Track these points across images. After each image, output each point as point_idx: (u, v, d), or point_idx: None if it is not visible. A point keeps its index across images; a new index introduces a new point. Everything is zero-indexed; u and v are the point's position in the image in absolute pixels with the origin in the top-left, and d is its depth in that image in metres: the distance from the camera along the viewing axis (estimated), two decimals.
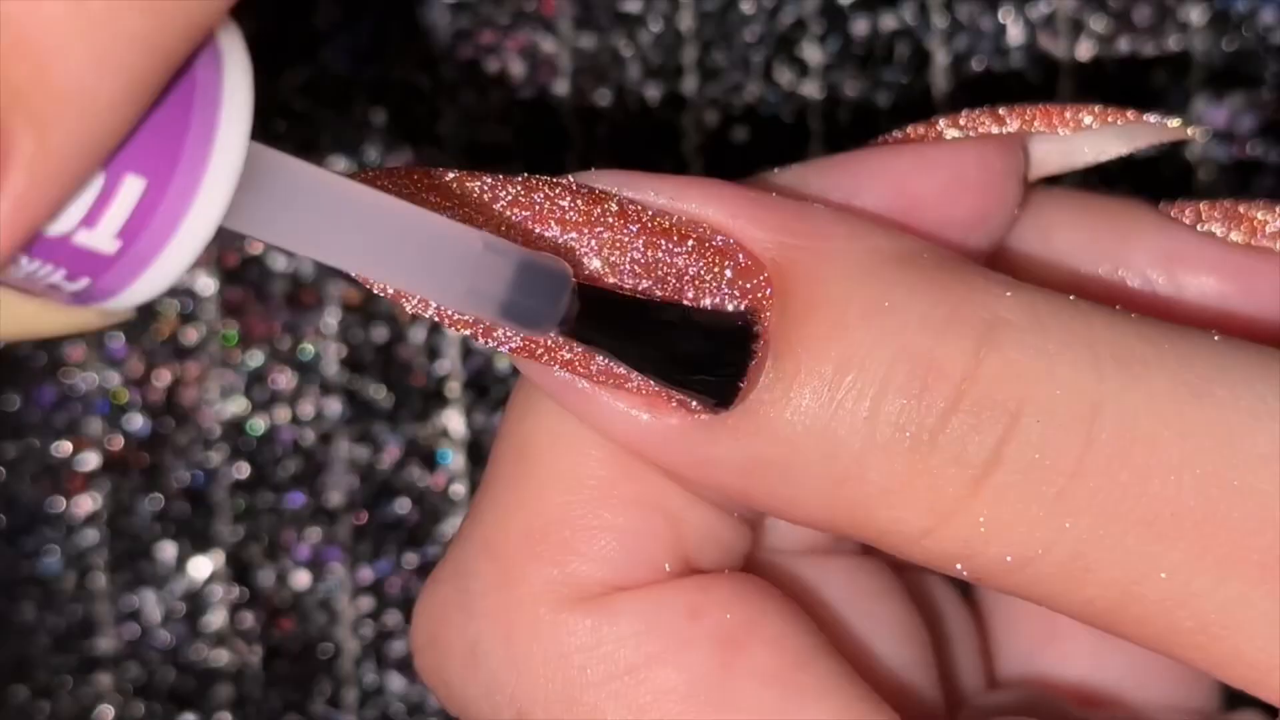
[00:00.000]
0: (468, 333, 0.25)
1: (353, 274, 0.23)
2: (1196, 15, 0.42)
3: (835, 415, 0.24)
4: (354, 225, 0.22)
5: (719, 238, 0.25)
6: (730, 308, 0.25)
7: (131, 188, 0.20)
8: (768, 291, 0.25)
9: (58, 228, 0.20)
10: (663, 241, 0.25)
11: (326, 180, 0.22)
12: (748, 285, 0.25)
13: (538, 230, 0.25)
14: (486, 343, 0.25)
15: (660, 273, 0.25)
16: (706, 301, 0.25)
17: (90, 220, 0.20)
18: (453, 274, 0.23)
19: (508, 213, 0.25)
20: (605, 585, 0.26)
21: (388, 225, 0.23)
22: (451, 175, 0.25)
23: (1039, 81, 0.42)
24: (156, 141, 0.20)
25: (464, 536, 0.27)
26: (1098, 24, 0.42)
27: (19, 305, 0.21)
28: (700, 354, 0.25)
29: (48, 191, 0.19)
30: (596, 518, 0.27)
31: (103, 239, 0.20)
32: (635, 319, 0.25)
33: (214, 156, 0.21)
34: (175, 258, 0.21)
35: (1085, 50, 0.42)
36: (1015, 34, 0.42)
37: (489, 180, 0.25)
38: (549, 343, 0.25)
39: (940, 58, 0.42)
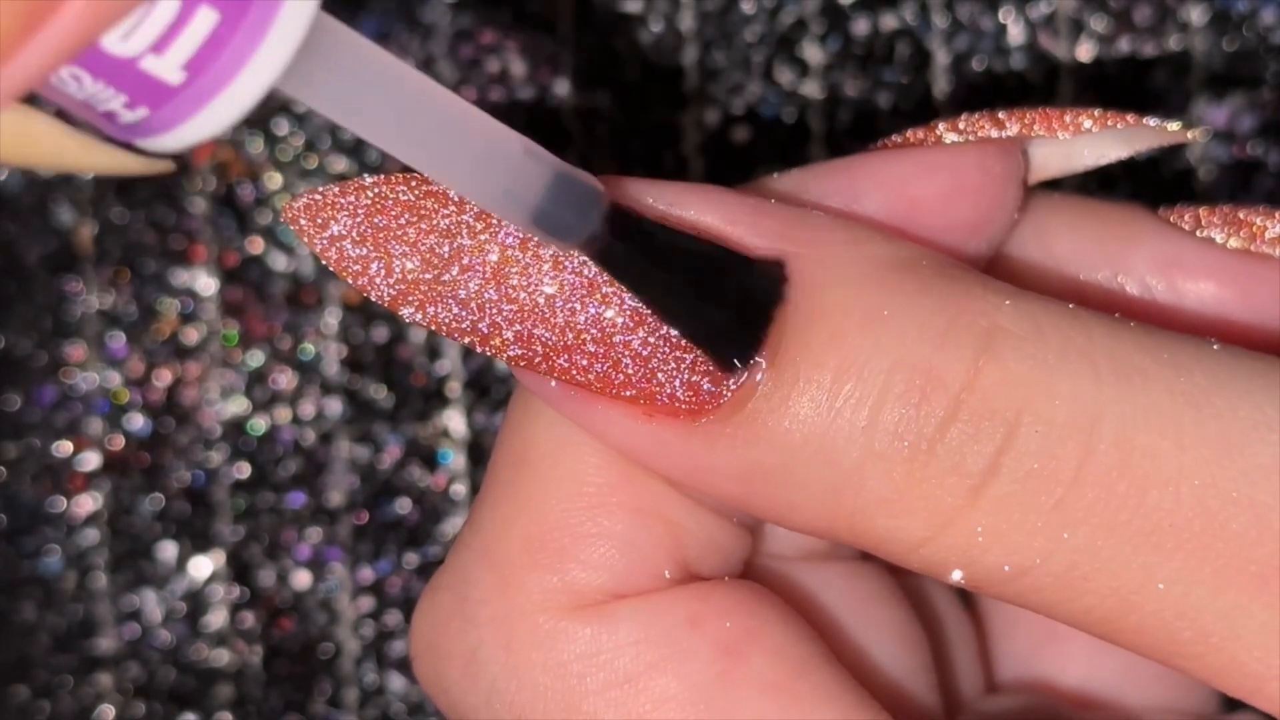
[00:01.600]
0: (465, 341, 0.25)
1: (396, 155, 0.23)
2: (1196, 15, 0.42)
3: (834, 424, 0.24)
4: (405, 107, 0.23)
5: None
6: (762, 255, 0.25)
7: (204, 19, 0.20)
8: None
9: (127, 49, 0.20)
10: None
11: (385, 58, 0.22)
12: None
13: (534, 237, 0.25)
14: (483, 351, 0.25)
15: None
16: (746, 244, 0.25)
17: (160, 46, 0.20)
18: (492, 172, 0.23)
19: (503, 220, 0.25)
20: (605, 593, 0.26)
21: (436, 113, 0.23)
22: None
23: (1039, 81, 0.42)
24: None
25: (463, 544, 0.27)
26: (1098, 24, 0.42)
27: (67, 137, 0.21)
28: (725, 307, 0.25)
29: None
30: (595, 525, 0.27)
31: (170, 68, 0.20)
32: (667, 256, 0.25)
33: (285, 6, 0.21)
34: (234, 100, 0.21)
35: (1085, 50, 0.42)
36: (1015, 34, 0.42)
37: None
38: (552, 339, 0.25)
39: (940, 58, 0.42)
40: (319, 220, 0.25)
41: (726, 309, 0.25)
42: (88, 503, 0.42)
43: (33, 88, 0.20)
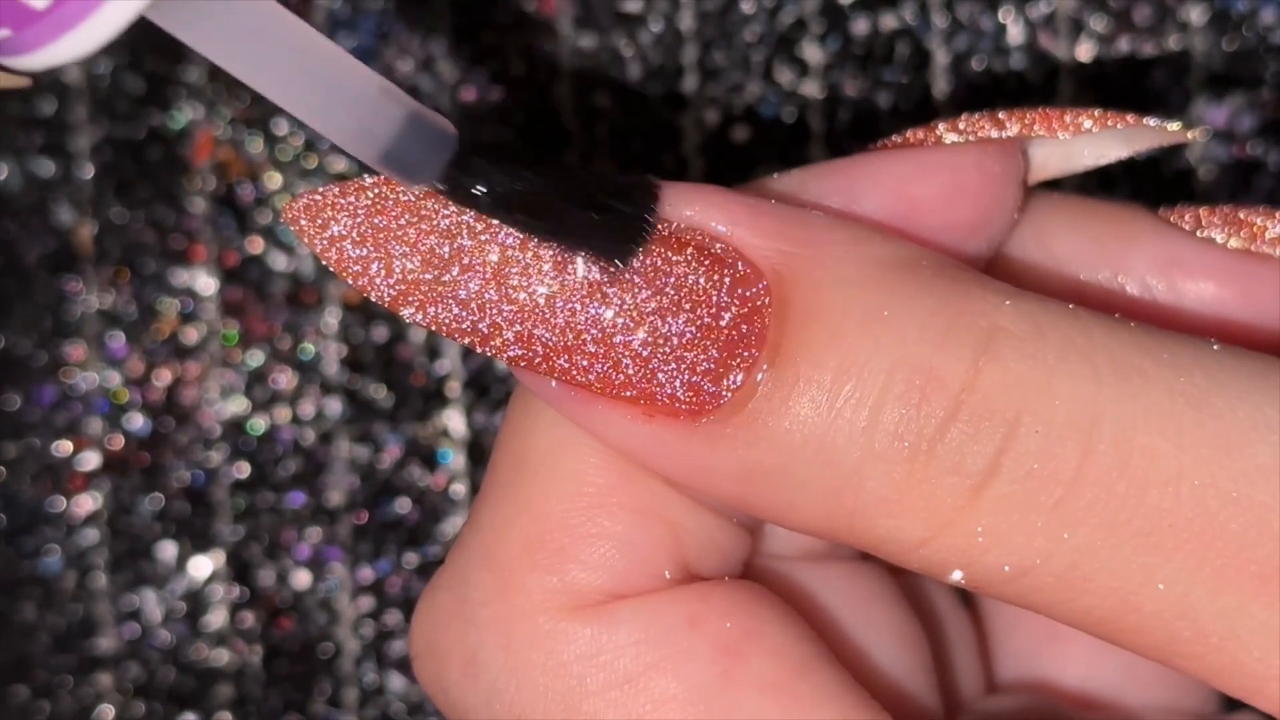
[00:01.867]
0: (465, 342, 0.25)
1: (254, 87, 0.24)
2: (1196, 15, 0.42)
3: (833, 424, 0.24)
4: (264, 40, 0.23)
5: (718, 245, 0.25)
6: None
7: None
8: (767, 300, 0.25)
9: None
10: (661, 249, 0.25)
11: None
12: (747, 293, 0.25)
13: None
14: (483, 351, 0.25)
15: (658, 280, 0.25)
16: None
17: None
18: (347, 108, 0.24)
19: None
20: (605, 593, 0.26)
21: (295, 47, 0.24)
22: None
23: (1039, 81, 0.42)
24: None
25: (463, 544, 0.27)
26: (1098, 24, 0.42)
27: None
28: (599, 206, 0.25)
29: None
30: (595, 525, 0.27)
31: None
32: (522, 187, 0.25)
33: None
34: (96, 28, 0.21)
35: (1085, 50, 0.42)
36: (1015, 34, 0.42)
37: None
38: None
39: (940, 57, 0.42)
40: (319, 221, 0.25)
41: (600, 219, 0.25)
42: (88, 503, 0.42)
43: None
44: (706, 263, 0.25)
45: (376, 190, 0.25)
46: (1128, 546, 0.24)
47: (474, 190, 0.25)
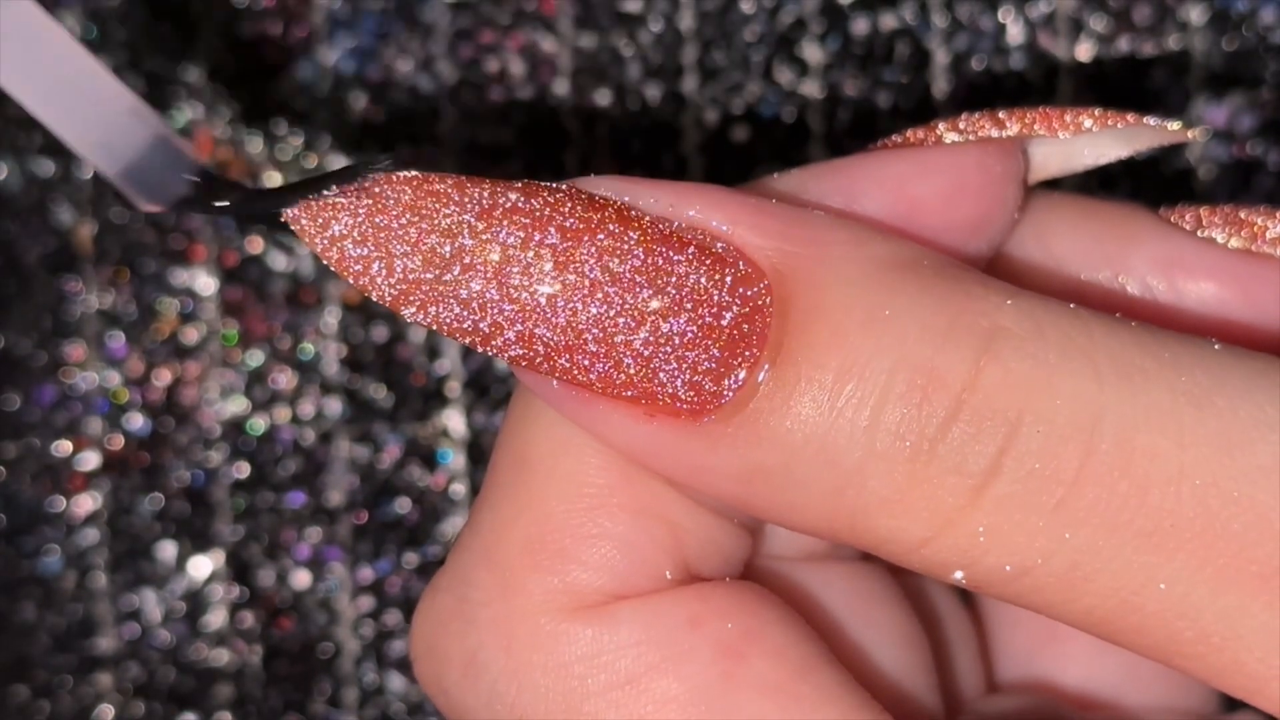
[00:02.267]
0: (466, 341, 0.25)
1: (5, 89, 0.24)
2: (1196, 15, 0.42)
3: (835, 424, 0.24)
4: (21, 44, 0.23)
5: (719, 244, 0.25)
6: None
7: None
8: (768, 299, 0.25)
9: None
10: (662, 248, 0.25)
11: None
12: (748, 292, 0.25)
13: (538, 237, 0.25)
14: (484, 351, 0.25)
15: (660, 280, 0.25)
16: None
17: None
18: (93, 121, 0.24)
19: (505, 220, 0.25)
20: (605, 594, 0.26)
21: (52, 56, 0.24)
22: (451, 180, 0.25)
23: (1039, 81, 0.42)
24: None
25: (463, 545, 0.27)
26: (1098, 24, 0.42)
27: None
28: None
29: None
30: (596, 526, 0.27)
31: None
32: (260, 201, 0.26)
33: None
34: None
35: (1085, 50, 0.42)
36: (1015, 33, 0.42)
37: (488, 187, 0.25)
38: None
39: (940, 57, 0.42)
40: (320, 220, 0.25)
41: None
42: (87, 503, 0.42)
43: None
44: (708, 262, 0.25)
45: (377, 190, 0.25)
46: (1129, 546, 0.24)
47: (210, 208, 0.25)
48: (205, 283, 0.42)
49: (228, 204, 0.25)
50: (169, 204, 0.25)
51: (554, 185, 0.26)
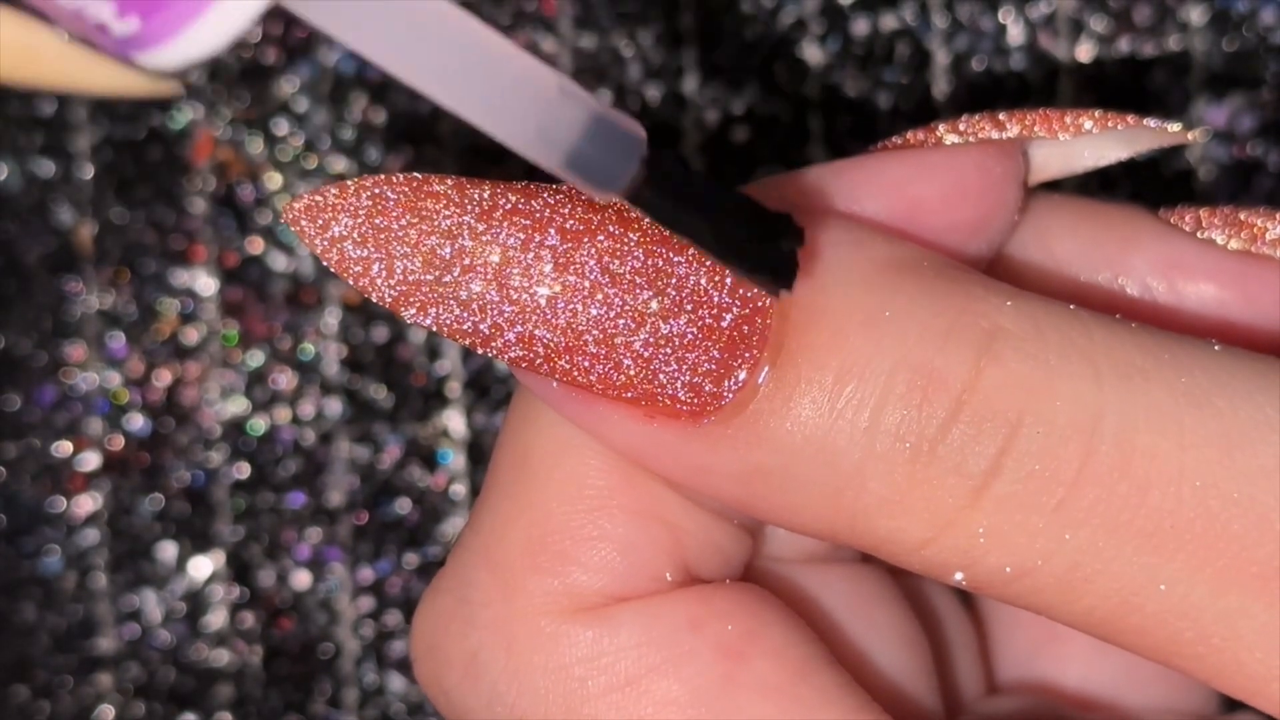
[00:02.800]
0: (466, 343, 0.25)
1: (416, 87, 0.22)
2: (1196, 15, 0.42)
3: (835, 425, 0.24)
4: (427, 35, 0.21)
5: None
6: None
7: None
8: (768, 301, 0.25)
9: None
10: (662, 250, 0.25)
11: None
12: (748, 294, 0.25)
13: (538, 239, 0.25)
14: (485, 352, 0.25)
15: (660, 281, 0.25)
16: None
17: None
18: (525, 110, 0.21)
19: (505, 221, 0.25)
20: (606, 595, 0.26)
21: (462, 43, 0.21)
22: (450, 182, 0.25)
23: (1039, 81, 0.42)
24: None
25: (464, 546, 0.27)
26: (1098, 24, 0.42)
27: (69, 51, 0.20)
28: (757, 238, 0.24)
29: None
30: (596, 527, 0.27)
31: None
32: (702, 199, 0.24)
33: None
34: (227, 14, 0.19)
35: (1085, 50, 0.42)
36: (1015, 34, 0.42)
37: (488, 188, 0.25)
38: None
39: (940, 58, 0.42)
40: (320, 221, 0.25)
41: (758, 248, 0.24)
42: (88, 503, 0.42)
43: None
44: (708, 263, 0.25)
45: (377, 190, 0.25)
46: (1129, 547, 0.24)
47: (661, 202, 0.23)
48: (206, 283, 0.42)
49: (678, 181, 0.23)
50: (624, 189, 0.22)
51: (554, 186, 0.26)
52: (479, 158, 0.42)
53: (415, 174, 0.25)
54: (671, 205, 0.23)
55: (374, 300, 0.25)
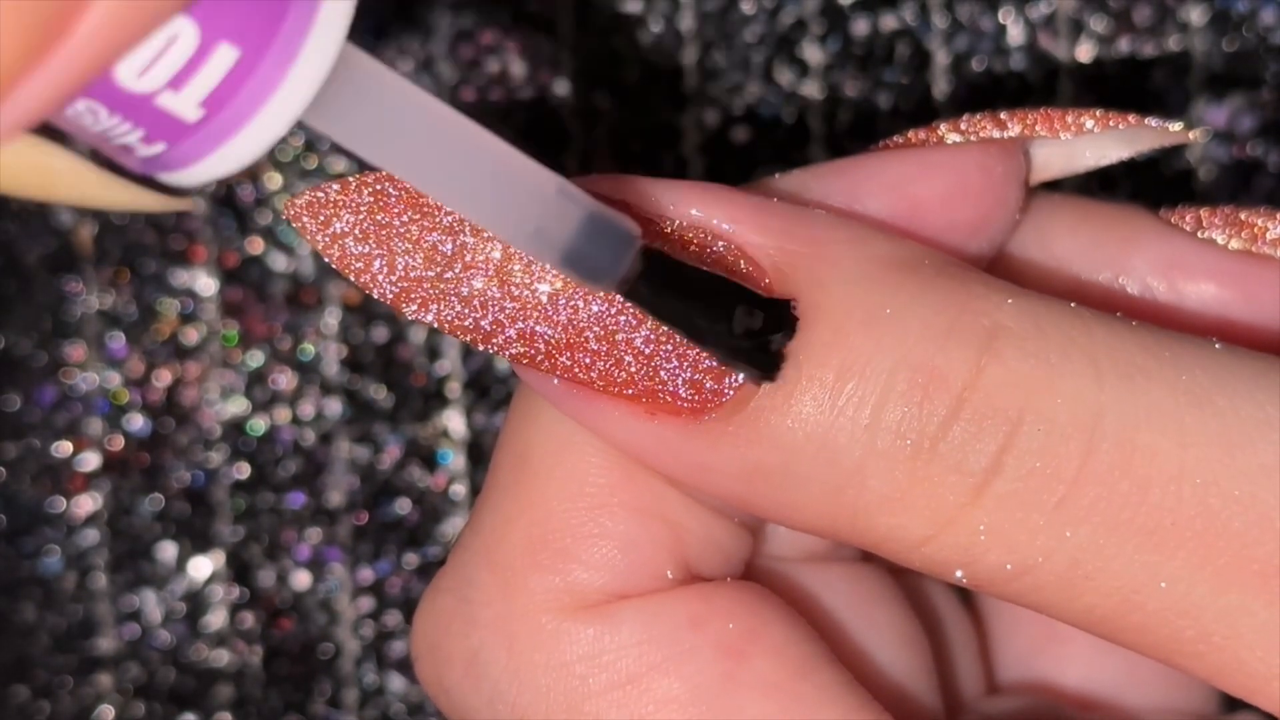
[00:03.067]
0: (467, 339, 0.25)
1: (424, 191, 0.23)
2: (1196, 15, 0.42)
3: (836, 423, 0.24)
4: (433, 142, 0.22)
5: (720, 243, 0.25)
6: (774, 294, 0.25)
7: (224, 57, 0.20)
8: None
9: (143, 85, 0.20)
10: (664, 247, 0.25)
11: (412, 92, 0.22)
12: None
13: None
14: (486, 349, 0.25)
15: None
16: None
17: (177, 83, 0.20)
18: (523, 211, 0.23)
19: None
20: (607, 593, 0.26)
21: (467, 150, 0.23)
22: None
23: (1039, 82, 0.42)
24: (255, 16, 0.20)
25: (464, 545, 0.27)
26: (1098, 24, 0.42)
27: (85, 171, 0.20)
28: (747, 331, 0.25)
29: (138, 13, 0.19)
30: (597, 525, 0.27)
31: (187, 105, 0.20)
32: (694, 291, 0.25)
33: (309, 42, 0.20)
34: (253, 139, 0.21)
35: (1085, 51, 0.42)
36: (1015, 34, 0.42)
37: None
38: (566, 338, 0.25)
39: (940, 58, 0.42)
40: (321, 218, 0.25)
41: (747, 338, 0.25)
42: (88, 503, 0.42)
43: (41, 119, 0.20)
44: (709, 261, 0.25)
45: (379, 187, 0.25)
46: (1130, 545, 0.24)
47: (654, 296, 0.24)
48: (206, 283, 0.42)
49: (670, 275, 0.24)
50: (617, 283, 0.24)
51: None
52: None
53: None
54: (663, 298, 0.24)
55: (375, 297, 0.25)
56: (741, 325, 0.25)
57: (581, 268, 0.23)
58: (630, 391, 0.25)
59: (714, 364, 0.25)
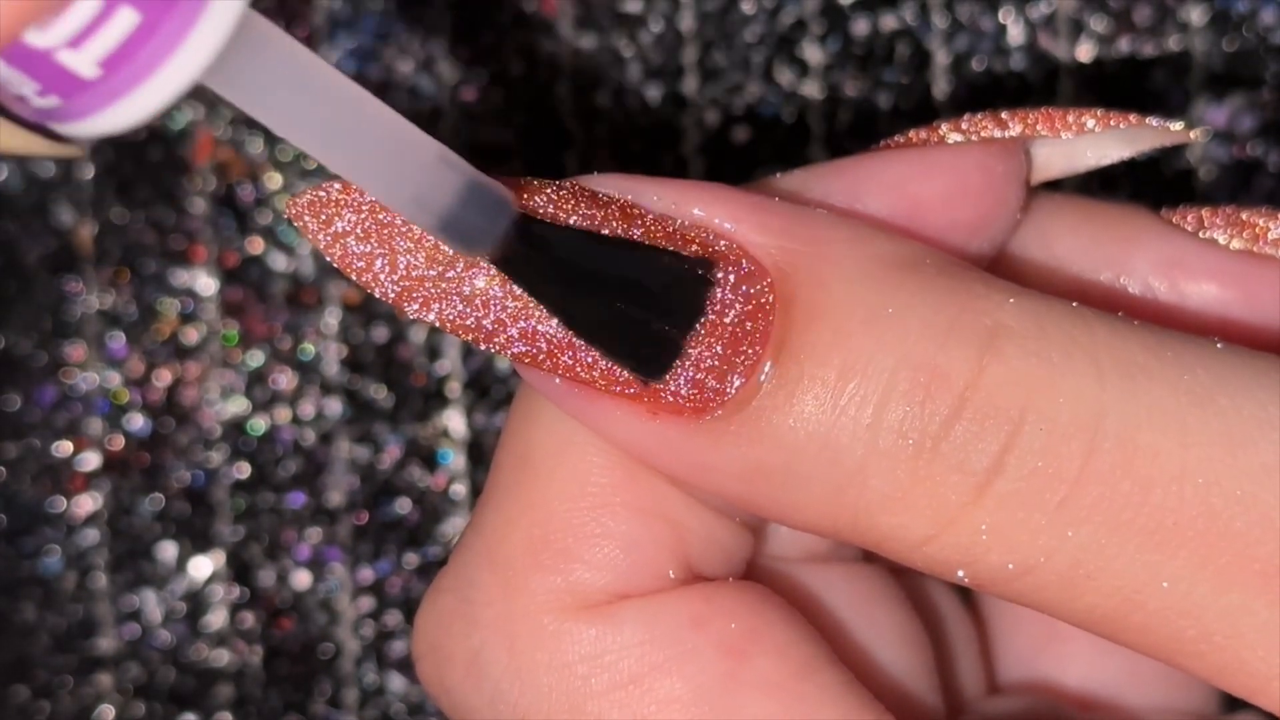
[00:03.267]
0: (469, 339, 0.25)
1: (310, 153, 0.24)
2: (1196, 15, 0.42)
3: (838, 422, 0.24)
4: (324, 108, 0.23)
5: (722, 242, 0.25)
6: (688, 254, 0.25)
7: (125, 19, 0.20)
8: (771, 297, 0.25)
9: (44, 41, 0.20)
10: (665, 246, 0.25)
11: (308, 60, 0.23)
12: (751, 290, 0.25)
13: None
14: (487, 348, 0.25)
15: None
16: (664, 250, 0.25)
17: (77, 42, 0.20)
18: (403, 176, 0.23)
19: None
20: (609, 593, 0.26)
21: (354, 115, 0.23)
22: None
23: (1039, 82, 0.42)
24: None
25: (466, 545, 0.27)
26: (1098, 24, 0.42)
27: None
28: (647, 311, 0.25)
29: None
30: (599, 525, 0.27)
31: (85, 63, 0.20)
32: (584, 272, 0.25)
33: (210, 8, 0.21)
34: (147, 98, 0.21)
35: (1085, 50, 0.42)
36: (1015, 34, 0.42)
37: None
38: (547, 344, 0.25)
39: (940, 58, 0.42)
40: (323, 217, 0.25)
41: (646, 320, 0.25)
42: (88, 503, 0.42)
43: None
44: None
45: None
46: (1131, 545, 0.24)
47: (526, 263, 0.24)
48: (206, 283, 0.42)
49: (549, 246, 0.25)
50: (492, 250, 0.24)
51: (557, 183, 0.26)
52: (479, 157, 0.42)
53: None
54: (539, 272, 0.25)
55: (377, 296, 0.25)
56: (639, 309, 0.25)
57: (456, 234, 0.24)
58: (632, 391, 0.25)
59: (715, 364, 0.25)
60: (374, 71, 0.41)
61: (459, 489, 0.42)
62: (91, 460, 0.42)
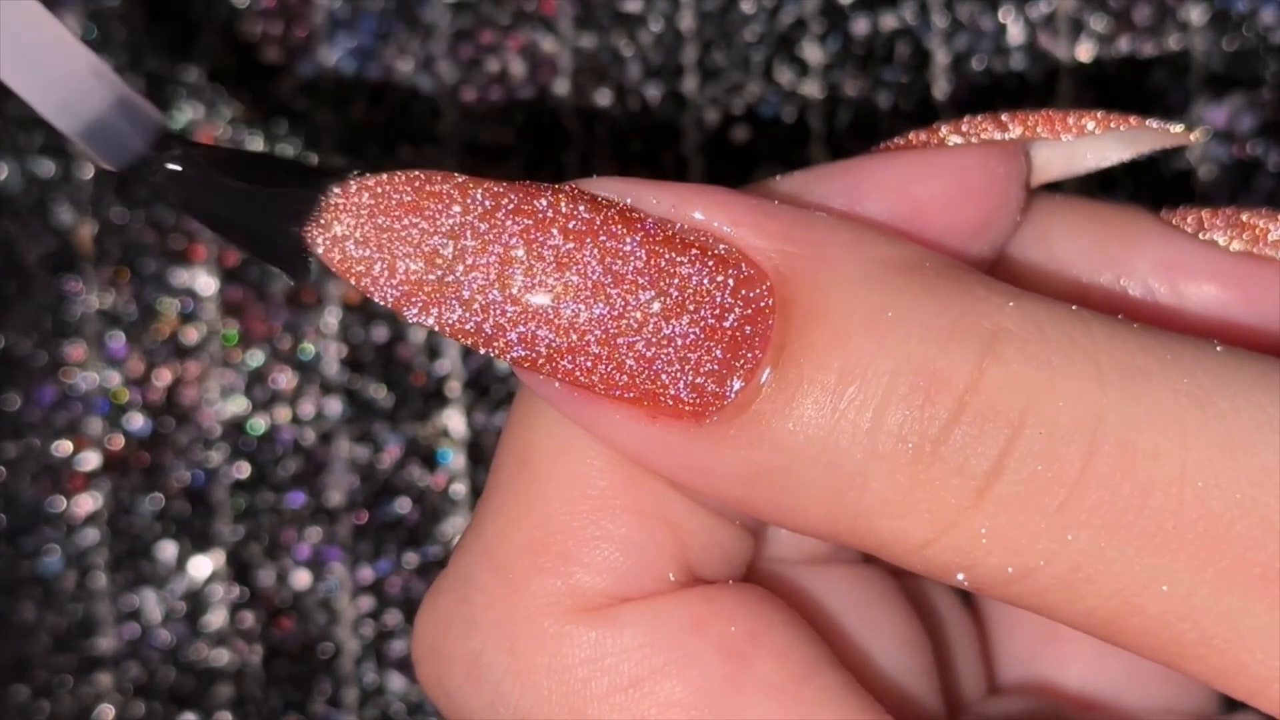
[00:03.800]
0: (468, 343, 0.25)
1: None
2: (1196, 15, 0.42)
3: (837, 426, 0.24)
4: None
5: (721, 246, 0.25)
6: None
7: None
8: (770, 301, 0.25)
9: None
10: (665, 250, 0.25)
11: None
12: (750, 294, 0.25)
13: (540, 238, 0.25)
14: (487, 351, 0.25)
15: (663, 281, 0.25)
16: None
17: None
18: (54, 82, 0.24)
19: (508, 221, 0.25)
20: (609, 596, 0.26)
21: (12, 16, 0.24)
22: (453, 181, 0.25)
23: (1039, 81, 0.42)
24: None
25: (466, 547, 0.27)
26: (1098, 24, 0.42)
27: None
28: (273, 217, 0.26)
29: None
30: (599, 528, 0.27)
31: None
32: (224, 186, 0.26)
33: None
34: None
35: (1085, 50, 0.42)
36: (1015, 34, 0.42)
37: (491, 187, 0.25)
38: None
39: (940, 57, 0.42)
40: (322, 221, 0.25)
41: (275, 224, 0.26)
42: (88, 503, 0.42)
43: None
44: (710, 264, 0.25)
45: (379, 190, 0.25)
46: (1131, 548, 0.24)
47: (166, 171, 0.25)
48: (205, 283, 0.42)
49: (184, 164, 0.25)
50: (128, 163, 0.25)
51: (557, 186, 0.26)
52: (479, 158, 0.42)
53: (418, 173, 0.25)
54: (184, 189, 0.26)
55: (376, 300, 0.25)
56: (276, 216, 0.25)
57: (100, 143, 0.25)
58: (631, 395, 0.25)
59: (714, 367, 0.25)
60: (374, 71, 0.41)
61: (459, 488, 0.42)
62: (91, 460, 0.42)
